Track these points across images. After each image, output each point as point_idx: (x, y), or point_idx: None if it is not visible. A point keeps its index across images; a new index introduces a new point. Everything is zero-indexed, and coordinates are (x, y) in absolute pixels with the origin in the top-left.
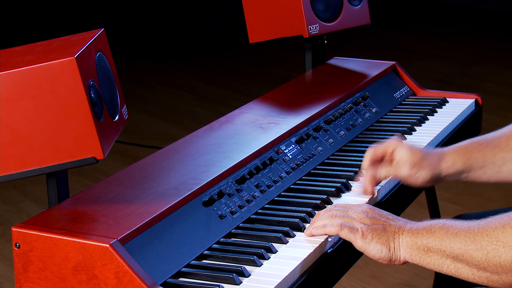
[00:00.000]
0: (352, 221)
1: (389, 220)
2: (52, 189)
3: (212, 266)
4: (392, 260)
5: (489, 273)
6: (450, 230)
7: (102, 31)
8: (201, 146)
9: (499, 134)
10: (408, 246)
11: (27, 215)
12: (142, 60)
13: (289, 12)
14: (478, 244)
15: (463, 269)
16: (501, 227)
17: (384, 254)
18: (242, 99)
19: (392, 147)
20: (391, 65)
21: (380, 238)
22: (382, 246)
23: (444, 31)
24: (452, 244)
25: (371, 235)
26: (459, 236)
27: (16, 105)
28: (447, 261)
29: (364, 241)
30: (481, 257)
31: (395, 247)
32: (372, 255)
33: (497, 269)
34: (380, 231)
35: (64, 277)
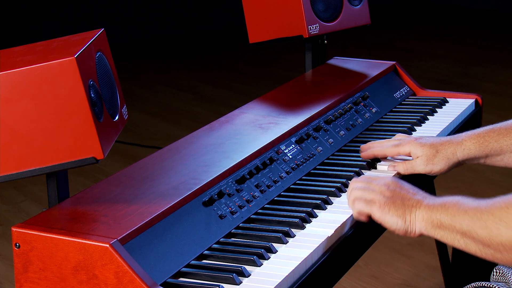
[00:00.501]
0: (372, 193)
1: (409, 194)
2: (52, 189)
3: (212, 266)
4: (407, 232)
5: (493, 250)
6: (462, 207)
7: (102, 31)
8: (201, 146)
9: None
10: (424, 220)
11: (27, 215)
12: (142, 60)
13: (289, 12)
14: (483, 222)
15: (471, 245)
16: (506, 208)
17: (400, 226)
18: (242, 99)
19: (408, 148)
20: (391, 65)
21: (397, 211)
22: (398, 219)
23: (444, 31)
24: (461, 220)
25: (388, 207)
26: (468, 213)
27: (16, 105)
28: (457, 236)
29: (381, 212)
30: (485, 235)
31: (411, 220)
32: (389, 226)
33: (499, 247)
34: (398, 204)
35: (64, 277)
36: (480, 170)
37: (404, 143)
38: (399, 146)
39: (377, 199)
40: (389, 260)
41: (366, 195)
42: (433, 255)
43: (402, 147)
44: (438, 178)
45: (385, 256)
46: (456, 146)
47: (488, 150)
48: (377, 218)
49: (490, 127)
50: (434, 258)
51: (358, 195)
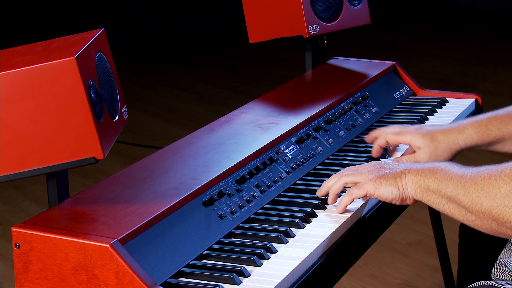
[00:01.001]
0: (361, 175)
1: (395, 165)
2: (52, 189)
3: (212, 266)
4: (403, 199)
5: (474, 216)
6: (448, 173)
7: (102, 31)
8: (201, 146)
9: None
10: (413, 183)
11: (27, 215)
12: (142, 60)
13: (289, 12)
14: (466, 189)
15: (455, 209)
16: (488, 178)
17: (395, 193)
18: (242, 99)
19: (408, 138)
20: (391, 65)
21: (388, 180)
22: (391, 187)
23: (444, 31)
24: (447, 186)
25: (379, 180)
26: (453, 180)
27: (16, 105)
28: (443, 201)
29: (374, 187)
30: (467, 202)
31: (403, 186)
32: (385, 198)
33: (479, 215)
34: (388, 174)
35: (64, 277)
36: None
37: (405, 132)
38: (400, 135)
39: (368, 178)
40: (389, 260)
41: (357, 178)
42: (433, 255)
43: (403, 136)
44: None
45: (385, 256)
46: (458, 135)
47: (490, 138)
48: (372, 193)
49: (492, 113)
50: (434, 258)
51: (348, 179)
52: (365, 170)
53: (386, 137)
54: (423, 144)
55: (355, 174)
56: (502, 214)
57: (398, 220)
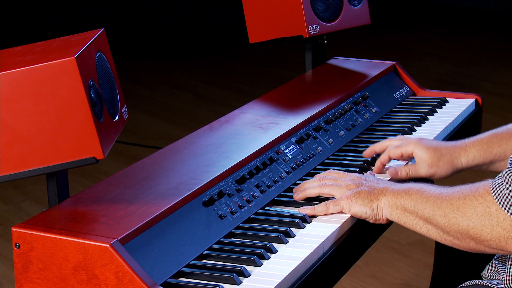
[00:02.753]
0: (339, 189)
1: (374, 183)
2: (52, 189)
3: (212, 266)
4: (376, 219)
5: (452, 237)
6: (424, 194)
7: (102, 31)
8: (201, 146)
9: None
10: (389, 205)
11: (27, 215)
12: (142, 60)
13: (289, 12)
14: (442, 210)
15: (432, 230)
16: (463, 198)
17: (369, 214)
18: (242, 99)
19: (411, 148)
20: (391, 65)
21: (364, 200)
22: (366, 208)
23: (444, 31)
24: (423, 207)
25: (355, 199)
26: (430, 201)
27: (16, 105)
28: (420, 222)
29: (349, 205)
30: (444, 222)
31: (378, 208)
32: (359, 216)
33: (457, 235)
34: (364, 193)
35: (64, 277)
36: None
37: (407, 143)
38: (402, 147)
39: (345, 195)
40: (389, 260)
41: (334, 192)
42: (433, 255)
43: (405, 148)
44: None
45: (385, 256)
46: (460, 152)
47: (492, 156)
48: (347, 211)
49: (491, 132)
50: None
51: (326, 191)
52: (343, 183)
53: (388, 153)
54: (426, 155)
55: (334, 187)
56: (479, 234)
57: None
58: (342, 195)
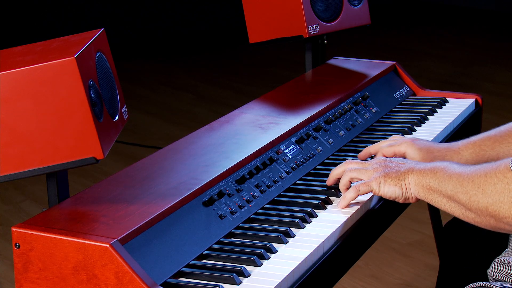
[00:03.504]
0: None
1: (400, 164)
2: (52, 189)
3: (212, 266)
4: (406, 198)
5: (474, 214)
6: (448, 173)
7: (102, 31)
8: (201, 146)
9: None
10: (416, 183)
11: (27, 215)
12: (142, 60)
13: (289, 12)
14: (464, 188)
15: (456, 208)
16: (484, 176)
17: (398, 193)
18: (242, 99)
19: (404, 148)
20: (391, 65)
21: (392, 180)
22: (395, 187)
23: (444, 31)
24: (446, 185)
25: (383, 180)
26: (453, 179)
27: (16, 105)
28: (444, 200)
29: (379, 186)
30: (466, 199)
31: (406, 186)
32: (389, 196)
33: (478, 212)
34: (392, 174)
35: (64, 277)
36: None
37: (400, 142)
38: (395, 146)
39: (373, 176)
40: (389, 260)
41: (363, 176)
42: (433, 255)
43: (398, 147)
44: None
45: (385, 256)
46: (453, 154)
47: (485, 159)
48: (377, 192)
49: (485, 134)
50: (434, 258)
51: (354, 175)
52: (370, 168)
53: (381, 151)
54: (419, 156)
55: (361, 171)
56: (498, 211)
57: (398, 220)
58: (371, 177)
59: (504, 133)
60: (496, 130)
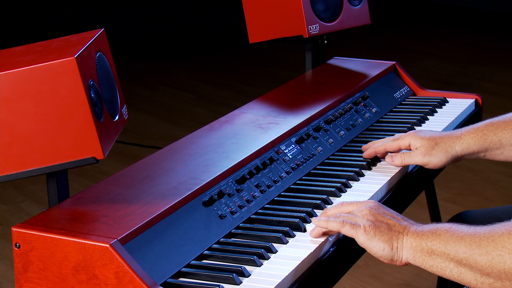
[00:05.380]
0: (355, 218)
1: (394, 219)
2: (52, 189)
3: (212, 266)
4: (393, 259)
5: (493, 279)
6: (456, 234)
7: (102, 31)
8: (201, 146)
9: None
10: (412, 247)
11: (27, 215)
12: (142, 60)
13: (289, 12)
14: (483, 249)
15: (466, 273)
16: (508, 234)
17: (386, 252)
18: (242, 99)
19: (407, 140)
20: (391, 65)
21: (383, 236)
22: (385, 244)
23: (444, 31)
24: (457, 247)
25: (373, 232)
26: (465, 240)
27: (16, 105)
28: (451, 265)
29: (366, 237)
30: (486, 262)
31: (397, 247)
32: (374, 253)
33: (501, 275)
34: (384, 228)
35: (64, 277)
36: (480, 170)
37: (404, 136)
38: (399, 140)
39: (362, 223)
40: None
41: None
42: None
43: (402, 140)
44: (438, 178)
45: None
46: (455, 140)
47: (487, 144)
48: (362, 243)
49: (488, 121)
50: None
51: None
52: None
53: (385, 146)
54: (421, 144)
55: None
56: None
57: None
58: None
59: (508, 120)
60: (500, 117)
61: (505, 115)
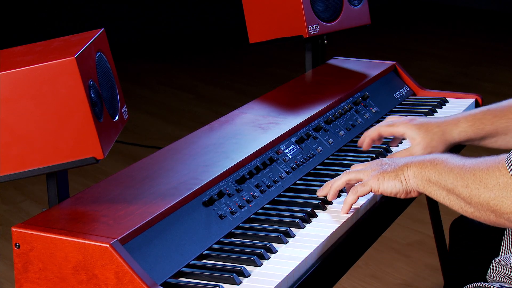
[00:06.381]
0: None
1: (396, 160)
2: (52, 189)
3: (212, 266)
4: (407, 191)
5: (473, 208)
6: (448, 165)
7: (102, 31)
8: (201, 146)
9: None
10: (415, 175)
11: (27, 215)
12: (142, 60)
13: (289, 12)
14: (465, 181)
15: (455, 201)
16: (486, 169)
17: (399, 187)
18: (242, 99)
19: (402, 129)
20: (391, 65)
21: (390, 175)
22: (395, 181)
23: (444, 31)
24: (446, 178)
25: (382, 176)
26: (453, 171)
27: (16, 105)
28: (443, 193)
29: (378, 183)
30: (466, 193)
31: (405, 179)
32: (390, 192)
33: (478, 207)
34: (390, 169)
35: (64, 277)
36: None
37: (398, 123)
38: (393, 126)
39: (371, 175)
40: (389, 260)
41: (360, 175)
42: (433, 255)
43: (396, 128)
44: None
45: (385, 256)
46: (452, 127)
47: (484, 133)
48: (376, 189)
49: (485, 108)
50: (434, 258)
51: (351, 176)
52: (368, 168)
53: (379, 129)
54: (418, 136)
55: (358, 172)
56: (499, 206)
57: (398, 220)
58: (369, 176)
59: (505, 108)
60: (497, 104)
61: (501, 102)
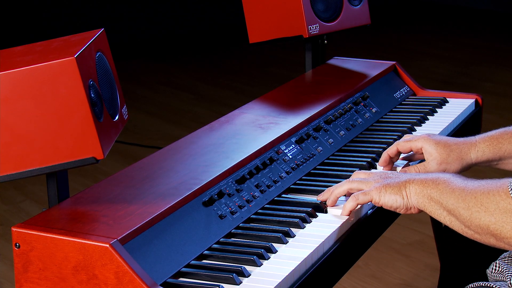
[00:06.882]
0: (368, 184)
1: (400, 175)
2: (52, 189)
3: (212, 266)
4: (408, 208)
5: (472, 231)
6: (450, 186)
7: (102, 31)
8: (201, 146)
9: None
10: (416, 193)
11: (27, 215)
12: (142, 60)
13: (289, 12)
14: (466, 203)
15: (455, 222)
16: (487, 193)
17: (399, 202)
18: (242, 99)
19: (420, 143)
20: (391, 65)
21: (393, 189)
22: (396, 196)
23: (444, 31)
24: (448, 199)
25: (384, 189)
26: (455, 193)
27: (16, 105)
28: (444, 213)
29: (379, 195)
30: (466, 216)
31: (407, 195)
32: (390, 206)
33: (478, 230)
34: (392, 183)
35: (64, 277)
36: (481, 171)
37: (417, 138)
38: (411, 141)
39: (373, 186)
40: (389, 260)
41: (362, 186)
42: (433, 255)
43: (415, 142)
44: None
45: (385, 256)
46: (470, 147)
47: (501, 153)
48: (377, 201)
49: (503, 129)
50: (434, 258)
51: (354, 186)
52: (371, 179)
53: (397, 145)
54: (435, 151)
55: (361, 182)
56: (499, 230)
57: (398, 220)
58: (371, 187)
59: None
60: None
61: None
